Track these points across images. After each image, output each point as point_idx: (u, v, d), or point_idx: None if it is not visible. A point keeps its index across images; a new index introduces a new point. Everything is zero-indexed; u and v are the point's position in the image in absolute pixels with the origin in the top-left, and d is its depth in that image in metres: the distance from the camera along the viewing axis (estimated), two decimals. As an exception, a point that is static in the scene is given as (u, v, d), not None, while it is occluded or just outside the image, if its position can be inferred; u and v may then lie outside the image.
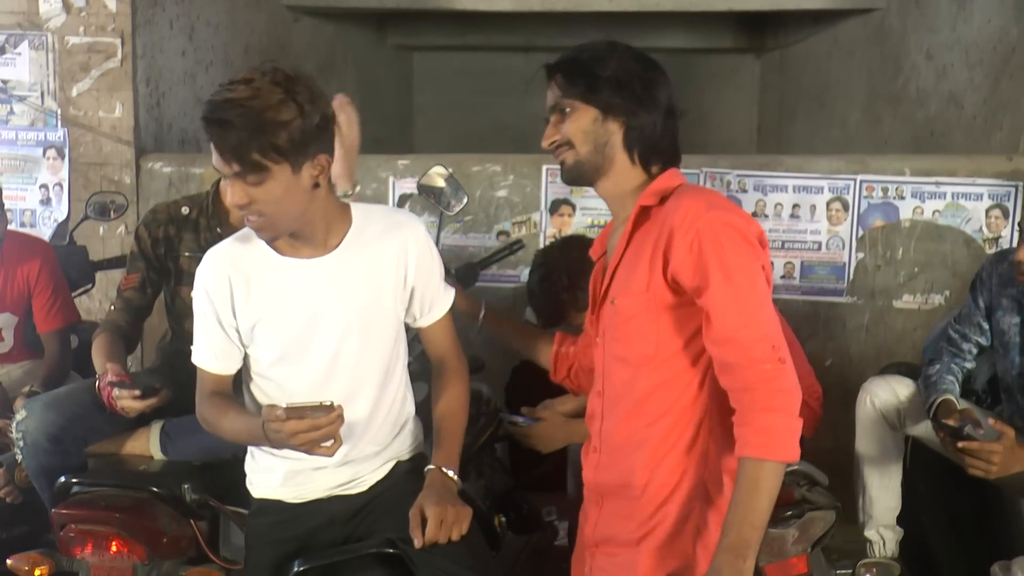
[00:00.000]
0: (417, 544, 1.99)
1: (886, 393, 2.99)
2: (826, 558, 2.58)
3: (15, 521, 2.95)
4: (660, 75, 1.93)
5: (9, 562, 2.45)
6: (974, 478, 2.59)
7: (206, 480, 2.46)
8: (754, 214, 3.84)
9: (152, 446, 2.60)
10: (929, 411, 2.82)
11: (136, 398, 2.43)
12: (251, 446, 2.19)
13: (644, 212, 1.89)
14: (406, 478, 2.18)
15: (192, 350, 2.17)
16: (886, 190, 3.86)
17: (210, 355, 2.14)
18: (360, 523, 2.15)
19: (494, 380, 3.09)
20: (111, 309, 2.74)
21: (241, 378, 2.20)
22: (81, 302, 3.66)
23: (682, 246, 1.77)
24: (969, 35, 4.76)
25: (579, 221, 3.93)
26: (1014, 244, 3.46)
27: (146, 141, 4.29)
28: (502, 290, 3.92)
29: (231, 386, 2.19)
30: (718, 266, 1.74)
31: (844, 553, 2.86)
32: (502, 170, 3.97)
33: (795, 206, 3.88)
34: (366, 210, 2.17)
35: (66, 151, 4.24)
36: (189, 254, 2.66)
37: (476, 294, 3.29)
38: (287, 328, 2.09)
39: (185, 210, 2.71)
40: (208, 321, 2.12)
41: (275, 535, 2.16)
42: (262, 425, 1.93)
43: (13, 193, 4.23)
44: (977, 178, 3.84)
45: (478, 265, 3.07)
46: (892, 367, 3.35)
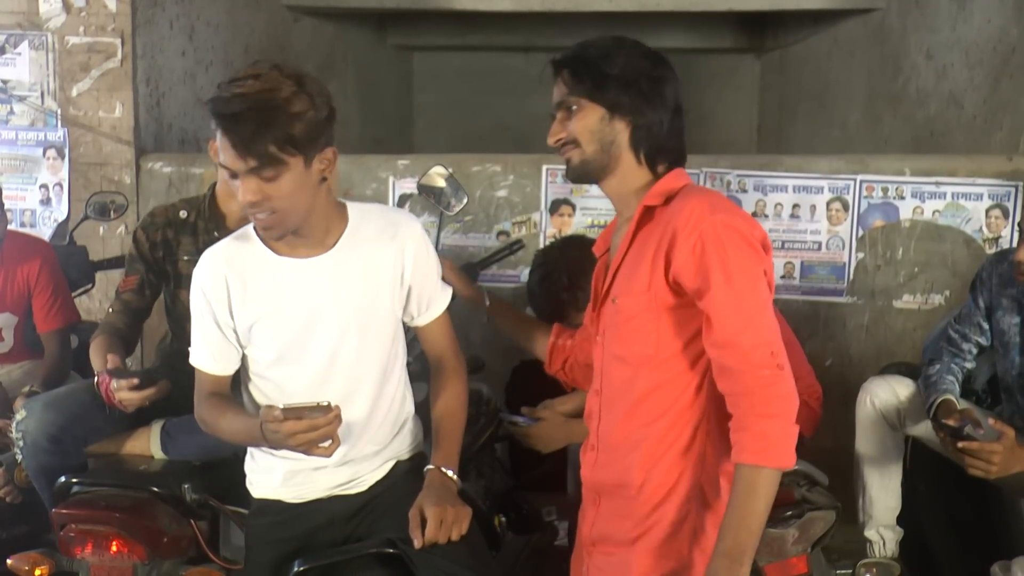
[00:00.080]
0: (417, 544, 1.99)
1: (886, 393, 2.98)
2: (826, 558, 2.58)
3: (15, 521, 2.95)
4: (668, 72, 1.92)
5: (9, 562, 2.45)
6: (974, 478, 2.59)
7: (206, 480, 2.46)
8: (754, 214, 3.83)
9: (153, 445, 2.60)
10: (929, 411, 2.82)
11: (134, 388, 2.40)
12: (250, 446, 2.19)
13: (648, 212, 1.88)
14: (406, 478, 2.18)
15: (190, 351, 2.17)
16: (886, 190, 3.85)
17: (208, 356, 2.13)
18: (360, 523, 2.15)
19: (494, 380, 3.09)
20: (109, 311, 2.74)
21: (240, 378, 2.20)
22: (81, 302, 3.65)
23: (685, 248, 1.77)
24: (969, 35, 4.75)
25: (579, 221, 3.93)
26: (1014, 244, 3.46)
27: (146, 141, 4.28)
28: (502, 290, 3.92)
29: (229, 387, 2.18)
30: (720, 269, 1.74)
31: (844, 553, 2.85)
32: (502, 170, 3.97)
33: (795, 206, 3.88)
34: (362, 209, 2.16)
35: (66, 151, 4.23)
36: (187, 258, 2.66)
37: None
38: (285, 328, 2.09)
39: (183, 214, 2.71)
40: (205, 322, 2.11)
41: (275, 535, 2.16)
42: (260, 426, 1.92)
43: (13, 193, 4.22)
44: (977, 178, 3.84)
45: (478, 265, 3.07)
46: (892, 367, 3.35)
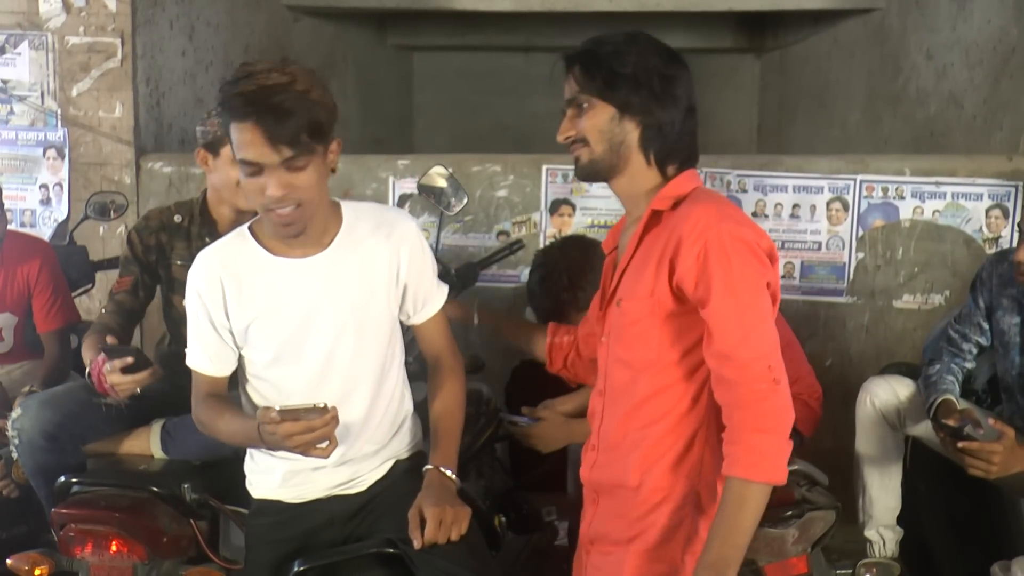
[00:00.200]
0: (416, 545, 1.99)
1: (886, 393, 2.98)
2: (826, 558, 2.57)
3: (15, 521, 2.95)
4: (681, 70, 1.89)
5: (9, 562, 2.45)
6: (974, 478, 2.59)
7: (206, 480, 2.46)
8: (754, 214, 3.83)
9: (152, 445, 2.60)
10: (929, 411, 2.82)
11: (127, 368, 2.35)
12: (248, 447, 2.19)
13: (655, 216, 1.87)
14: (405, 477, 2.18)
15: (186, 353, 2.16)
16: (886, 190, 3.85)
17: (204, 357, 2.13)
18: (360, 523, 2.15)
19: (494, 380, 3.09)
20: (102, 312, 2.72)
21: (237, 378, 2.20)
22: (81, 302, 3.65)
23: (689, 256, 1.75)
24: (969, 35, 4.75)
25: (579, 221, 3.93)
26: (1014, 244, 3.46)
27: (146, 141, 4.28)
28: (502, 290, 3.92)
29: (226, 388, 2.18)
30: (723, 280, 1.73)
31: (844, 553, 2.85)
32: (502, 170, 3.96)
33: (795, 206, 3.87)
34: (356, 208, 2.16)
35: (66, 151, 4.23)
36: (180, 262, 2.65)
37: (476, 294, 3.31)
38: (281, 328, 2.08)
39: (178, 218, 2.70)
40: (201, 323, 2.11)
41: (275, 535, 2.16)
42: (257, 427, 1.92)
43: (13, 193, 4.22)
44: (977, 178, 3.83)
45: (478, 265, 3.07)
46: (892, 367, 3.35)
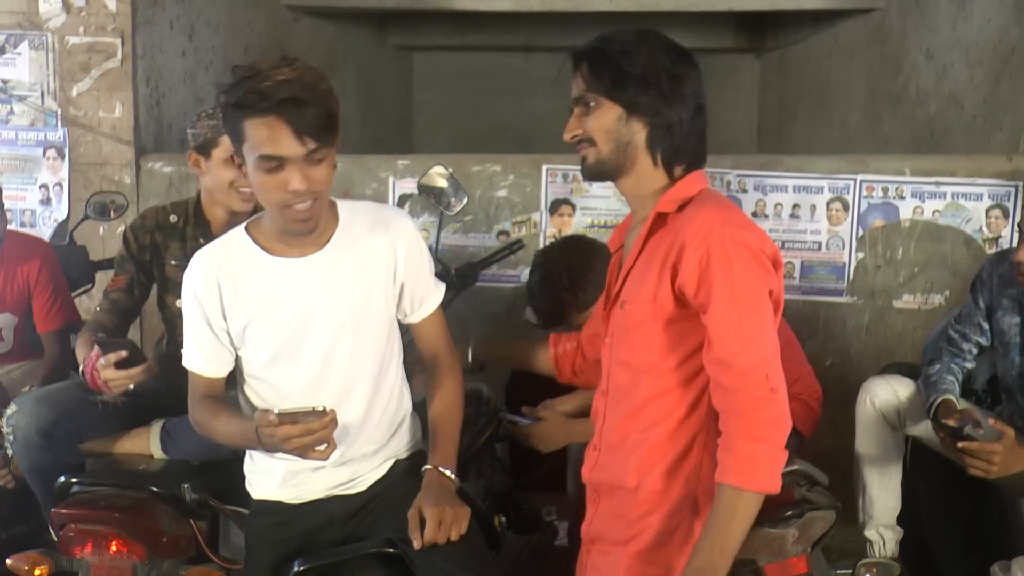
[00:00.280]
0: (416, 545, 1.99)
1: (886, 393, 2.98)
2: (826, 558, 2.57)
3: (15, 521, 2.95)
4: (690, 69, 1.87)
5: (9, 562, 2.45)
6: (974, 478, 2.59)
7: (206, 480, 2.46)
8: (754, 214, 3.83)
9: (152, 445, 2.59)
10: (929, 411, 2.81)
11: (122, 362, 2.34)
12: (245, 449, 2.18)
13: (661, 218, 1.86)
14: (405, 477, 2.18)
15: (182, 353, 2.16)
16: (886, 190, 3.85)
17: (200, 358, 2.13)
18: (360, 523, 2.15)
19: (494, 380, 3.09)
20: (97, 310, 2.72)
21: (235, 379, 2.19)
22: (81, 302, 3.65)
23: (692, 260, 1.75)
24: (969, 35, 4.75)
25: (579, 221, 3.93)
26: (1014, 244, 3.46)
27: (146, 141, 4.28)
28: (502, 290, 3.91)
29: (223, 389, 2.18)
30: (724, 286, 1.72)
31: (844, 553, 2.85)
32: (502, 170, 3.96)
33: (795, 206, 3.87)
34: (351, 207, 2.15)
35: (66, 151, 4.23)
36: (175, 263, 2.65)
37: (476, 294, 3.31)
38: (279, 328, 2.08)
39: (173, 218, 2.70)
40: (198, 324, 2.10)
41: (275, 535, 2.16)
42: (255, 430, 1.92)
43: (13, 193, 4.22)
44: (977, 178, 3.83)
45: (478, 265, 3.07)
46: (892, 367, 3.34)
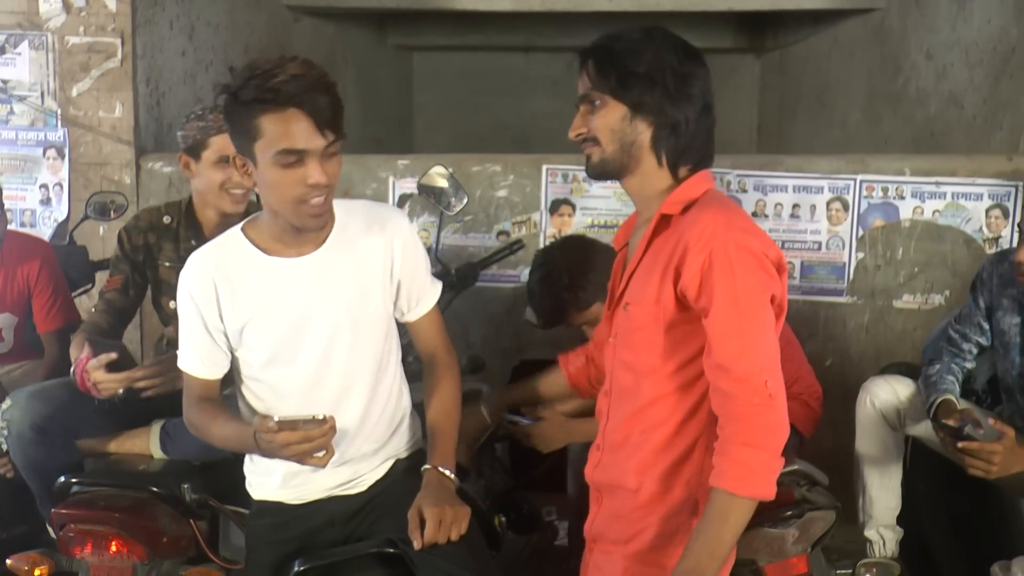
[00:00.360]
0: (416, 546, 1.99)
1: (886, 393, 2.98)
2: (826, 558, 2.57)
3: (15, 521, 2.94)
4: (697, 67, 1.86)
5: (9, 562, 2.45)
6: (974, 478, 2.59)
7: (206, 480, 2.46)
8: (754, 214, 3.83)
9: (152, 445, 2.59)
10: (929, 411, 2.81)
11: (112, 364, 2.33)
12: (241, 452, 2.18)
13: (665, 219, 1.85)
14: (405, 476, 2.17)
15: (178, 354, 2.16)
16: (886, 190, 3.85)
17: (196, 360, 2.12)
18: (360, 523, 2.15)
19: (494, 380, 3.09)
20: (92, 311, 2.72)
21: (232, 380, 2.19)
22: (81, 302, 3.65)
23: (694, 264, 1.74)
24: (969, 35, 4.75)
25: (579, 221, 3.93)
26: (1014, 244, 3.46)
27: (146, 141, 4.28)
28: (502, 290, 3.91)
29: (219, 391, 2.17)
30: (726, 290, 1.71)
31: (844, 553, 2.85)
32: (502, 170, 3.96)
33: (795, 206, 3.87)
34: (348, 206, 2.15)
35: (66, 151, 4.23)
36: (168, 264, 2.66)
37: (476, 294, 3.31)
38: (276, 328, 2.08)
39: (167, 219, 2.71)
40: (194, 325, 2.10)
41: (275, 536, 2.16)
42: (253, 434, 1.92)
43: (13, 193, 4.22)
44: (977, 178, 3.83)
45: (478, 265, 3.07)
46: (892, 367, 3.34)
